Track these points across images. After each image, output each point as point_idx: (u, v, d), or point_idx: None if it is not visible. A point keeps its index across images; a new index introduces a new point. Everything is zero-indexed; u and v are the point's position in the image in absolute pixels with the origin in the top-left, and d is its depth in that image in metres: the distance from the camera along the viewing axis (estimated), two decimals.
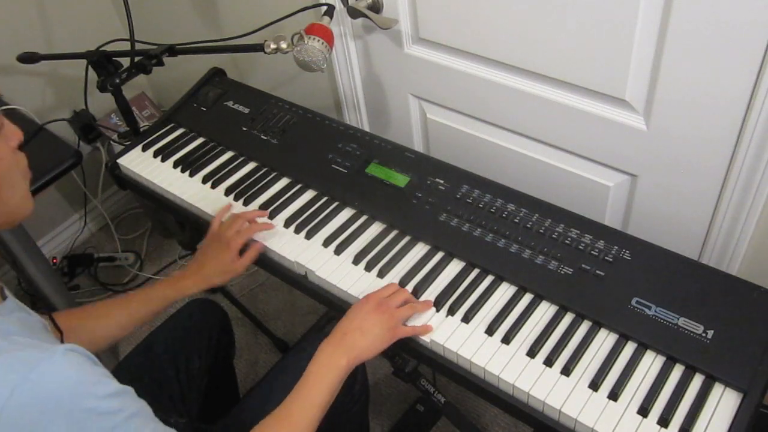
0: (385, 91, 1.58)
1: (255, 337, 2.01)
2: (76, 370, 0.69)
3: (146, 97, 2.25)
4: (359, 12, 1.32)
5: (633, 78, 1.11)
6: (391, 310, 1.00)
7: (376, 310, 0.99)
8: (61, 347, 0.69)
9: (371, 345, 0.97)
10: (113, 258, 2.30)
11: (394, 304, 1.01)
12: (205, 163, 1.40)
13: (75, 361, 0.70)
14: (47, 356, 0.67)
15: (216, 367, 1.34)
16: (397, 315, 1.00)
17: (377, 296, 1.02)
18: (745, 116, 1.01)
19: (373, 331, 0.98)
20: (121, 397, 0.73)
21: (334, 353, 0.96)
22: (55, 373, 0.67)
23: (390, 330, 0.99)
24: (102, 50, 1.44)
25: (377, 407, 1.74)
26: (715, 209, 1.16)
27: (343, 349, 0.96)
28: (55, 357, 0.68)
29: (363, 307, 1.00)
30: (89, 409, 0.68)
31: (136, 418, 0.73)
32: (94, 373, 0.71)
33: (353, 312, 1.01)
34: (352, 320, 0.99)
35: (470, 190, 1.20)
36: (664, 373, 0.92)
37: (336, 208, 1.24)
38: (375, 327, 0.98)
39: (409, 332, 1.01)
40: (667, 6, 0.99)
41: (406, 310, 1.02)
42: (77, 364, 0.69)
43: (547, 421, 0.92)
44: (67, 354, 0.69)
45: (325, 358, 0.96)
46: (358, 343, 0.97)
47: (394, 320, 0.99)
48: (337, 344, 0.97)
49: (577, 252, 1.07)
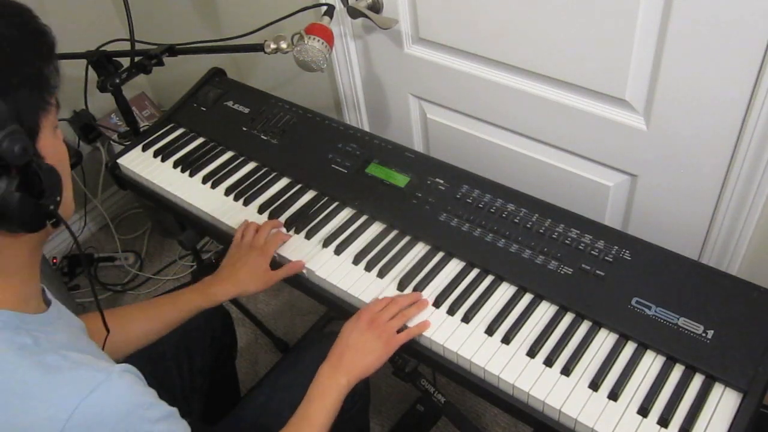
0: (385, 91, 1.58)
1: (255, 337, 2.01)
2: (132, 393, 0.70)
3: (146, 97, 2.25)
4: (359, 12, 1.32)
5: (633, 78, 1.11)
6: (383, 324, 1.01)
7: (369, 326, 1.01)
8: (117, 368, 0.70)
9: (370, 362, 0.99)
10: (113, 258, 2.30)
11: (386, 317, 1.02)
12: (205, 163, 1.40)
13: (131, 382, 0.71)
14: (105, 377, 0.68)
15: (218, 366, 1.34)
16: (389, 327, 1.01)
17: (368, 313, 1.03)
18: (745, 116, 1.01)
19: (368, 348, 0.99)
20: (169, 420, 0.74)
21: (334, 374, 0.98)
22: (114, 396, 0.68)
23: (386, 344, 1.00)
24: (102, 50, 1.43)
25: (377, 407, 1.74)
26: (715, 209, 1.16)
27: (342, 369, 0.98)
28: (112, 378, 0.68)
29: (356, 326, 1.01)
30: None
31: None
32: (147, 394, 0.72)
33: (347, 331, 1.02)
34: (347, 339, 1.01)
35: (470, 190, 1.20)
36: (664, 373, 0.92)
37: (336, 208, 1.25)
38: (370, 343, 0.99)
39: (404, 338, 1.01)
40: (667, 6, 0.99)
41: (398, 320, 1.02)
42: (133, 386, 0.71)
43: (547, 421, 0.92)
44: (123, 376, 0.70)
45: (326, 380, 0.97)
46: (356, 362, 0.99)
47: (387, 333, 1.00)
48: (336, 365, 0.98)
49: (577, 252, 1.07)
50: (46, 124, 0.71)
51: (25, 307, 0.74)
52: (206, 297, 1.14)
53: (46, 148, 0.70)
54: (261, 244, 1.17)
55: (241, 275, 1.14)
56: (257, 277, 1.15)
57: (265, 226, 1.21)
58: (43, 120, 0.70)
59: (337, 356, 1.00)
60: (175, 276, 2.24)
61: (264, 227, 1.20)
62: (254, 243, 1.17)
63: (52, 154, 0.72)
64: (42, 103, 0.70)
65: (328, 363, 0.99)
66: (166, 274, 2.25)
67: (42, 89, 0.70)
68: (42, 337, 0.72)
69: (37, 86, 0.69)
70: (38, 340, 0.70)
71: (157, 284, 2.22)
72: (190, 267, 2.25)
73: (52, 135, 0.73)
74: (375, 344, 0.99)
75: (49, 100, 0.71)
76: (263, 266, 1.15)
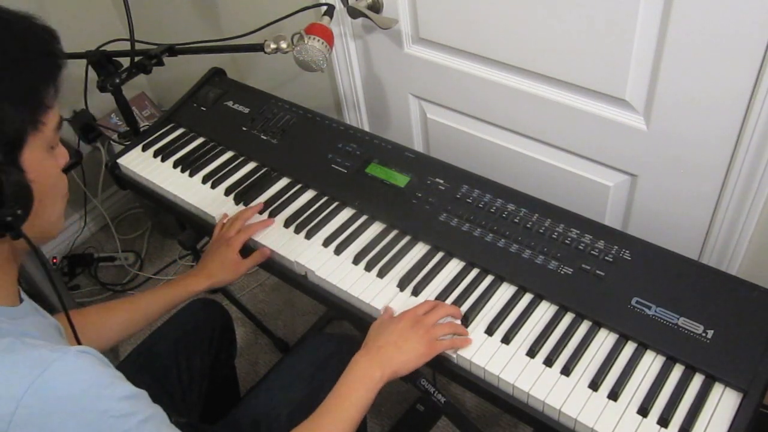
0: (385, 91, 1.58)
1: (255, 337, 2.01)
2: (89, 372, 0.69)
3: (146, 97, 2.26)
4: (359, 12, 1.32)
5: (633, 78, 1.11)
6: (427, 327, 0.98)
7: (413, 327, 0.97)
8: (73, 348, 0.70)
9: (408, 360, 0.95)
10: (113, 258, 2.30)
11: (431, 321, 0.99)
12: (205, 163, 1.40)
13: (87, 362, 0.70)
14: (60, 356, 0.67)
15: (217, 366, 1.34)
16: (434, 331, 0.98)
17: (413, 314, 1.00)
18: (745, 116, 1.01)
19: (409, 347, 0.95)
20: (134, 400, 0.73)
21: (369, 366, 0.94)
22: (68, 373, 0.67)
23: (428, 346, 0.96)
24: (102, 50, 1.44)
25: (377, 407, 1.74)
26: (715, 209, 1.16)
27: (378, 362, 0.94)
28: (67, 357, 0.68)
29: (399, 324, 0.98)
30: (102, 411, 0.68)
31: (150, 423, 0.72)
32: (107, 375, 0.71)
33: (389, 328, 0.98)
34: (389, 336, 0.97)
35: (470, 190, 1.20)
36: (664, 373, 0.92)
37: (336, 208, 1.24)
38: (410, 342, 0.95)
39: (448, 346, 0.98)
40: (667, 6, 0.99)
41: (445, 328, 0.99)
42: (90, 366, 0.70)
43: (547, 421, 0.92)
44: (79, 355, 0.69)
45: (360, 370, 0.94)
46: (394, 358, 0.95)
47: (431, 336, 0.97)
48: (372, 357, 0.95)
49: (577, 252, 1.07)
50: (34, 141, 0.71)
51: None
52: (183, 289, 1.19)
53: (30, 165, 0.71)
54: (231, 235, 1.21)
55: (211, 267, 1.20)
56: (226, 267, 1.19)
57: (238, 218, 1.24)
58: (31, 136, 0.71)
59: (375, 348, 0.96)
60: (175, 276, 2.24)
61: (236, 220, 1.23)
62: (225, 235, 1.22)
63: (37, 171, 0.72)
64: (31, 119, 0.70)
65: (366, 354, 0.95)
66: (166, 274, 2.25)
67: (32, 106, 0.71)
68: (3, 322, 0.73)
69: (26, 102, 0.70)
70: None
71: (157, 284, 2.22)
72: (190, 267, 2.25)
73: (43, 153, 0.73)
74: (417, 345, 0.95)
75: (40, 118, 0.72)
76: (230, 257, 1.19)
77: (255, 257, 1.20)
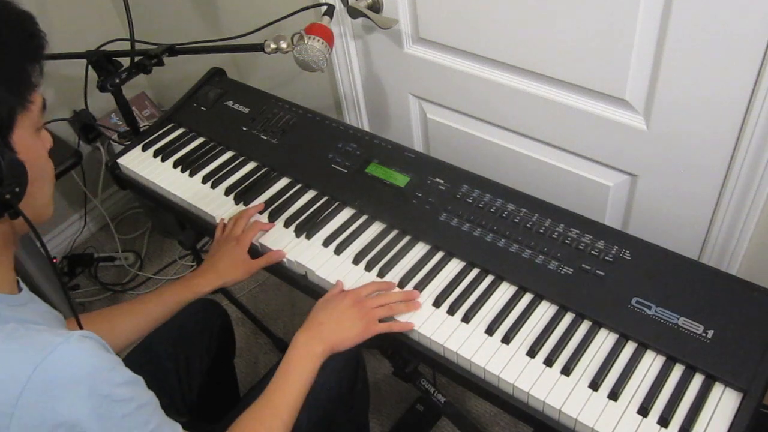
0: (385, 91, 1.58)
1: (255, 337, 2.01)
2: (93, 355, 0.70)
3: (146, 97, 2.26)
4: (359, 12, 1.32)
5: (633, 78, 1.11)
6: (368, 309, 1.03)
7: (354, 305, 1.03)
8: (76, 333, 0.71)
9: (346, 338, 1.01)
10: (113, 258, 2.30)
11: (373, 304, 1.04)
12: (205, 162, 1.40)
13: (90, 346, 0.71)
14: (64, 340, 0.68)
15: (216, 366, 1.34)
16: (373, 313, 1.03)
17: (356, 294, 1.05)
18: (745, 116, 1.01)
19: (348, 325, 1.01)
20: (133, 385, 0.75)
21: (310, 341, 1.00)
22: (73, 357, 0.69)
23: (365, 327, 1.02)
24: (102, 50, 1.43)
25: (377, 407, 1.74)
26: (715, 209, 1.16)
27: (318, 338, 1.00)
28: (71, 341, 0.69)
29: (341, 303, 1.03)
30: (105, 395, 0.69)
31: (145, 408, 0.75)
32: (109, 360, 0.73)
33: (331, 304, 1.04)
34: (330, 312, 1.03)
35: (470, 190, 1.20)
36: (664, 372, 0.92)
37: (336, 208, 1.24)
38: (349, 321, 1.02)
39: (384, 329, 1.03)
40: (667, 6, 0.99)
41: (383, 311, 1.04)
42: (93, 350, 0.71)
43: (547, 421, 0.92)
44: (82, 339, 0.70)
45: (303, 347, 0.99)
46: (334, 335, 1.01)
47: (369, 318, 1.02)
48: (314, 334, 1.00)
49: (577, 252, 1.07)
50: (23, 122, 0.73)
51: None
52: (190, 289, 1.17)
53: (20, 145, 0.72)
54: (238, 234, 1.20)
55: (221, 266, 1.18)
56: (236, 266, 1.18)
57: (241, 216, 1.23)
58: (21, 117, 0.72)
59: (316, 324, 1.02)
60: (175, 276, 2.24)
61: (240, 218, 1.23)
62: (232, 234, 1.21)
63: (27, 152, 0.73)
64: (20, 99, 0.72)
65: (305, 331, 1.01)
66: (166, 274, 2.25)
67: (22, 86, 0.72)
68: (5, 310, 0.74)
69: (16, 82, 0.71)
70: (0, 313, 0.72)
71: (157, 284, 2.22)
72: (190, 267, 2.25)
73: (31, 134, 0.75)
74: (355, 323, 1.01)
75: (28, 97, 0.73)
76: (241, 255, 1.18)
77: (269, 257, 1.18)
